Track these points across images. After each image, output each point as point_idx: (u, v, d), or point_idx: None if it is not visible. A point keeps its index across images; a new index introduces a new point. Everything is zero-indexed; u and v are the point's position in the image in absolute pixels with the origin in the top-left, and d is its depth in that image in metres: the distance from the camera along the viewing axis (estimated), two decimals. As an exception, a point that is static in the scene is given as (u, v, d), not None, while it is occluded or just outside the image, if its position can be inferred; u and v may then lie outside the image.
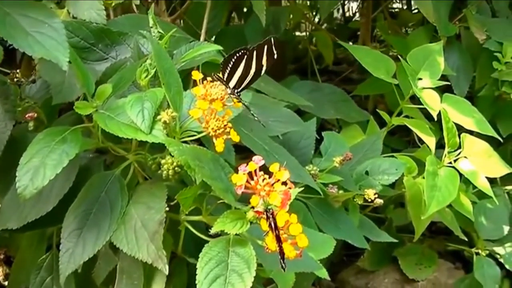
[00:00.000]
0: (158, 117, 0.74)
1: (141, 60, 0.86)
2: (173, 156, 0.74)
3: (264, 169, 0.67)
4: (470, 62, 1.58)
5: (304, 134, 1.15)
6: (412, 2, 2.05)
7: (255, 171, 0.67)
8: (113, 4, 1.07)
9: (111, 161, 0.95)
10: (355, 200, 1.15)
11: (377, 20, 1.91)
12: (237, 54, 0.77)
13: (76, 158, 0.77)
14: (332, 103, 1.42)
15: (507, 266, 1.39)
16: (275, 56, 0.78)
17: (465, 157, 1.25)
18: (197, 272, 0.68)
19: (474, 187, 1.27)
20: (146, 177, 0.88)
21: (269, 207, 0.66)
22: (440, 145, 1.42)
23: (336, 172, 1.11)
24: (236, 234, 0.70)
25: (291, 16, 1.76)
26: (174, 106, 0.75)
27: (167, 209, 0.77)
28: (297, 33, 2.04)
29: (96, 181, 0.83)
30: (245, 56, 0.78)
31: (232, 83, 0.79)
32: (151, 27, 0.88)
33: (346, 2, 2.23)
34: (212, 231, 0.69)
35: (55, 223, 0.86)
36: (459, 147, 1.25)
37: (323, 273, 0.90)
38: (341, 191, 1.12)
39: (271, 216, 0.64)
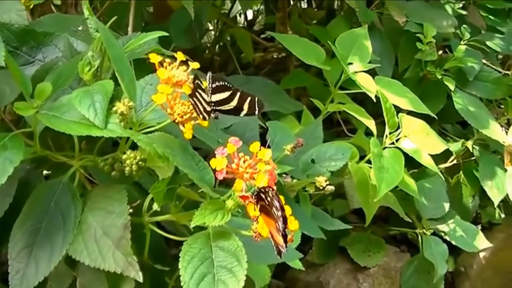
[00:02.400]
0: (114, 109, 0.67)
1: (81, 54, 0.78)
2: (135, 150, 0.67)
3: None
4: (391, 46, 1.58)
5: (247, 126, 1.10)
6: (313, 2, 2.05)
7: (234, 153, 0.61)
8: (31, 6, 0.99)
9: (48, 173, 0.87)
10: (306, 189, 1.10)
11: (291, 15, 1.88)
12: (224, 83, 0.72)
13: (15, 170, 0.68)
14: (265, 95, 1.37)
15: (453, 242, 1.40)
16: (256, 113, 0.74)
17: (405, 136, 1.24)
18: (180, 273, 0.61)
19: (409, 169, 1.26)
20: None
21: (253, 189, 0.60)
22: (368, 133, 1.41)
23: (284, 162, 1.07)
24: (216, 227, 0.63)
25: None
26: (129, 95, 0.68)
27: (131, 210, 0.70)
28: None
29: (43, 192, 0.75)
30: (231, 90, 0.73)
31: (214, 98, 0.73)
32: (87, 19, 0.80)
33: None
34: (192, 225, 0.62)
35: (-1, 244, 0.76)
36: (398, 128, 1.23)
37: (298, 264, 0.84)
38: (295, 180, 1.08)
39: (270, 195, 0.57)
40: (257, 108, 0.77)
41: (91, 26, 0.80)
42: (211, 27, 1.93)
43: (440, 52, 1.54)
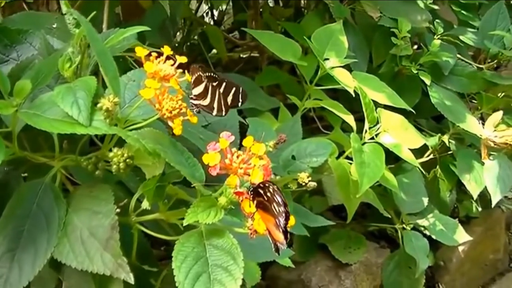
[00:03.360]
0: (98, 105, 0.64)
1: (59, 50, 0.75)
2: (121, 148, 0.64)
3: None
4: (365, 42, 1.58)
5: (226, 124, 1.08)
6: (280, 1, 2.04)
7: (226, 148, 0.59)
8: (2, 4, 0.96)
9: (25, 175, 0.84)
10: (289, 186, 1.09)
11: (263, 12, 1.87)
12: (200, 73, 0.70)
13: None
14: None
15: (434, 236, 1.40)
16: (239, 104, 0.73)
17: (384, 131, 1.23)
18: (174, 273, 0.59)
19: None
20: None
21: (249, 184, 0.58)
22: (343, 129, 1.41)
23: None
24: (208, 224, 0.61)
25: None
26: (114, 91, 0.65)
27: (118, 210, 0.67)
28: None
29: (24, 193, 0.72)
30: (204, 82, 0.71)
31: (195, 91, 0.71)
32: (65, 14, 0.77)
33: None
34: (184, 224, 0.60)
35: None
36: (377, 123, 1.22)
37: (287, 261, 0.83)
38: (278, 177, 1.06)
39: (271, 190, 0.56)
40: (240, 100, 0.75)
41: (70, 22, 0.77)
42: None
43: (415, 47, 1.54)
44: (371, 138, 1.22)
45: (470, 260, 1.58)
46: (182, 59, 0.66)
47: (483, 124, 1.43)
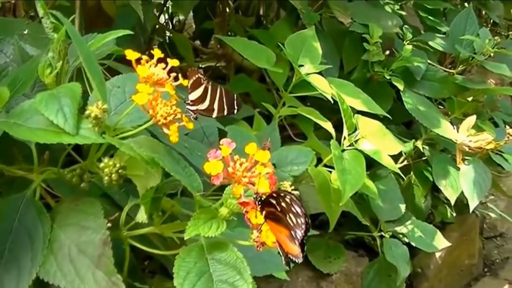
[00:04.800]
0: (86, 112, 0.60)
1: (36, 57, 0.71)
2: (111, 157, 0.60)
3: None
4: (335, 48, 1.56)
5: (206, 132, 1.04)
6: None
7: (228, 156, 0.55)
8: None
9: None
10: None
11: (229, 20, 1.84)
12: (198, 75, 0.67)
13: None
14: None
15: (413, 243, 1.38)
16: (235, 111, 0.70)
17: (363, 137, 1.21)
18: (176, 291, 0.55)
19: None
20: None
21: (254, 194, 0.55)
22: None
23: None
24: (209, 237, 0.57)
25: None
26: (102, 97, 0.61)
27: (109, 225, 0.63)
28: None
29: (3, 209, 0.67)
30: (203, 84, 0.68)
31: (192, 97, 0.68)
32: (42, 17, 0.73)
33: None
34: (186, 237, 0.56)
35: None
36: (355, 129, 1.21)
37: (283, 275, 0.79)
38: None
39: (287, 200, 0.52)
40: (236, 107, 0.73)
41: (47, 26, 0.73)
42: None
43: (387, 52, 1.53)
44: (350, 145, 1.19)
45: (447, 266, 1.58)
46: (174, 63, 0.62)
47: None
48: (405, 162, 1.54)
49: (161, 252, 0.64)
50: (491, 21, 2.02)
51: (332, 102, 1.21)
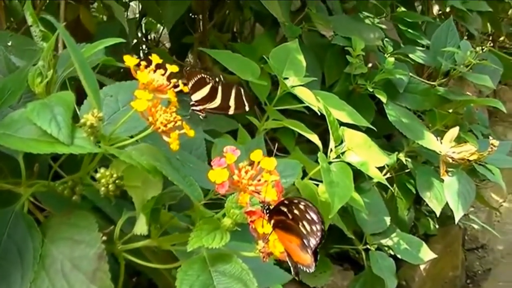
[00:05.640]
0: (82, 121, 0.58)
1: (23, 66, 0.69)
2: (107, 168, 0.58)
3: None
4: (316, 62, 1.56)
5: (193, 145, 1.02)
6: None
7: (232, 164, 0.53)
8: None
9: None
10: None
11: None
12: (202, 75, 0.65)
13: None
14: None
15: (399, 256, 1.37)
16: (247, 108, 0.68)
17: (349, 149, 1.20)
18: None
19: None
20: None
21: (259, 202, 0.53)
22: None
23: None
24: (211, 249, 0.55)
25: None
26: (98, 105, 0.59)
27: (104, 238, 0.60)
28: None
29: (-8, 224, 0.64)
30: (210, 83, 0.67)
31: (195, 97, 0.66)
32: (31, 26, 0.70)
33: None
34: (189, 249, 0.54)
35: None
36: (341, 142, 1.20)
37: (279, 287, 0.77)
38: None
39: (301, 207, 0.50)
40: (246, 104, 0.71)
41: (36, 35, 0.71)
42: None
43: (370, 65, 1.53)
44: (337, 157, 1.18)
45: (431, 278, 1.57)
46: (173, 68, 0.60)
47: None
48: (388, 175, 1.54)
49: (160, 266, 0.61)
50: (467, 34, 2.04)
51: (319, 114, 1.20)
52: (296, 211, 0.52)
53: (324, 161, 1.14)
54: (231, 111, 0.68)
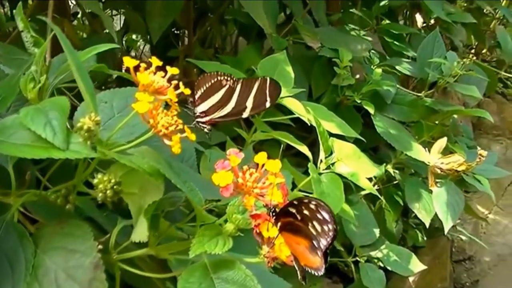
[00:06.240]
0: (78, 125, 0.56)
1: (13, 73, 0.67)
2: (104, 173, 0.56)
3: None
4: (303, 74, 1.55)
5: (183, 156, 1.00)
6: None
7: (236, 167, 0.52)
8: None
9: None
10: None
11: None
12: (218, 78, 0.64)
13: None
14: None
15: (388, 267, 1.36)
16: (267, 104, 0.67)
17: (339, 160, 1.19)
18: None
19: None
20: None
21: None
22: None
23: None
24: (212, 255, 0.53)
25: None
26: (94, 109, 0.57)
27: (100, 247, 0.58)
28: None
29: (-19, 235, 0.61)
30: (227, 85, 0.65)
31: (201, 108, 0.65)
32: (22, 31, 0.69)
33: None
34: (191, 255, 0.52)
35: None
36: (331, 153, 1.19)
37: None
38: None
39: (312, 207, 0.49)
40: (268, 98, 0.69)
41: (27, 40, 0.69)
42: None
43: (357, 76, 1.52)
44: (327, 168, 1.17)
45: (420, 289, 1.56)
46: (174, 71, 0.59)
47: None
48: (376, 187, 1.53)
49: (158, 276, 0.59)
50: (450, 47, 2.05)
51: (306, 127, 1.19)
52: (306, 211, 0.50)
53: (314, 171, 1.13)
54: (246, 114, 0.66)
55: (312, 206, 0.50)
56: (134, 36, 2.12)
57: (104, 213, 0.74)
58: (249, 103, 0.66)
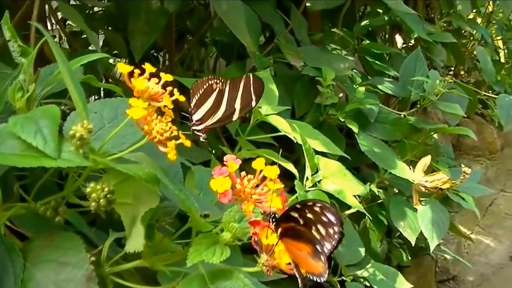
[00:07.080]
0: (71, 132, 0.54)
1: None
2: (97, 183, 0.55)
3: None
4: (286, 93, 1.55)
5: (170, 171, 0.99)
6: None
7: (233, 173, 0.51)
8: None
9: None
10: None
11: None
12: (209, 82, 0.63)
13: None
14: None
15: (375, 287, 1.34)
16: (253, 104, 0.66)
17: (324, 177, 1.19)
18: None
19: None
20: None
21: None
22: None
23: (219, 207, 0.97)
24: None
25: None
26: (86, 117, 0.56)
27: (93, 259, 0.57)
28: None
29: (-33, 250, 0.59)
30: (217, 88, 0.64)
31: (197, 116, 0.64)
32: (9, 41, 0.67)
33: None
34: (189, 264, 0.50)
35: None
36: (317, 170, 1.18)
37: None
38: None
39: (317, 209, 0.48)
40: (253, 97, 0.68)
41: (14, 50, 0.68)
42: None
43: (341, 95, 1.52)
44: (313, 186, 1.16)
45: (406, 309, 1.54)
46: (168, 77, 0.57)
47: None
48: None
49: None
50: (430, 67, 2.07)
51: (289, 145, 1.18)
52: (309, 215, 0.49)
53: (301, 189, 1.12)
54: (235, 116, 0.65)
55: (317, 209, 0.49)
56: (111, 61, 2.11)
57: (92, 228, 0.72)
58: (237, 105, 0.66)
